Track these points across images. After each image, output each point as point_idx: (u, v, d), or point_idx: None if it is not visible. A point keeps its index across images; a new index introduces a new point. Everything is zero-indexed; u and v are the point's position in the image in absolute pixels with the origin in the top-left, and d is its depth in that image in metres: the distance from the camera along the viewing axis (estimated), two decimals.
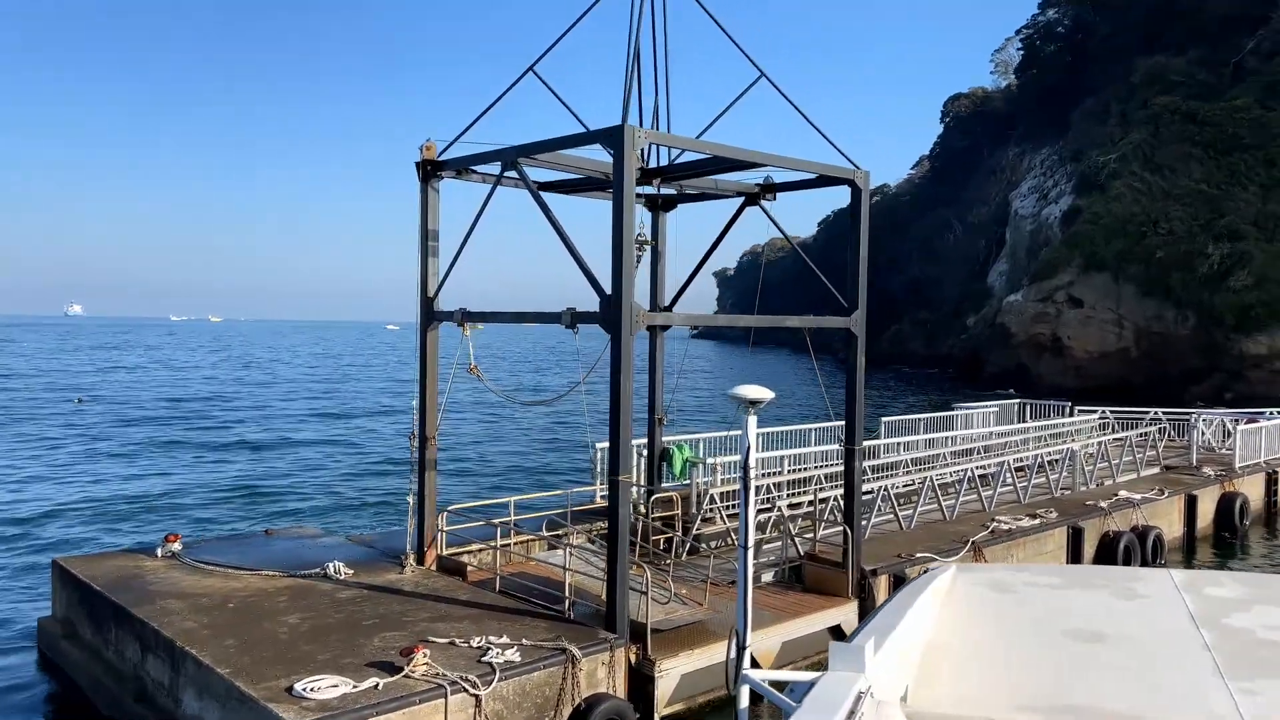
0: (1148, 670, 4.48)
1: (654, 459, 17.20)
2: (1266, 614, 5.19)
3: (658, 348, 17.11)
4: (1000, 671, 4.58)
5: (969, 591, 5.71)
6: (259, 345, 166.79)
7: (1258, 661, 4.47)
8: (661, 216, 17.15)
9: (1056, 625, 5.15)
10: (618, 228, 11.02)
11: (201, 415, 50.38)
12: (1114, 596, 5.66)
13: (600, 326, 11.43)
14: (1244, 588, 5.88)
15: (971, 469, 19.19)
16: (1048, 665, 4.60)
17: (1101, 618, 5.24)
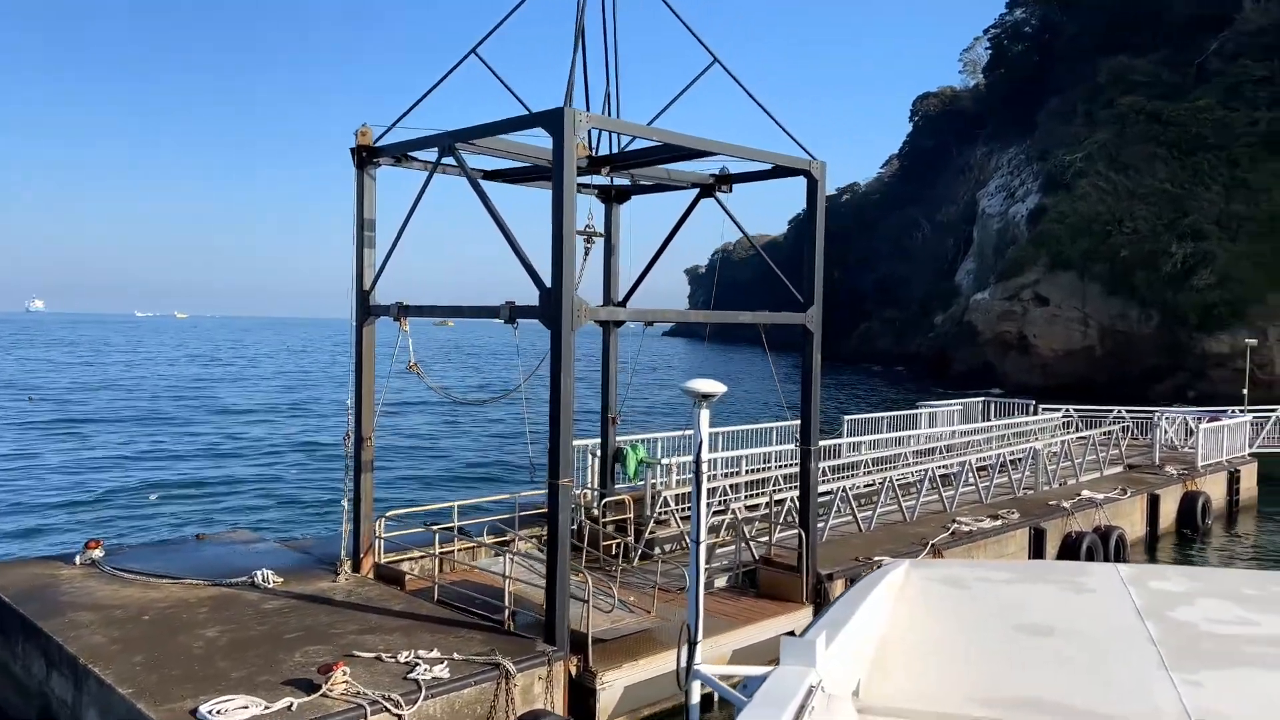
0: (1096, 663, 4.53)
1: (607, 460, 16.61)
2: (1209, 607, 5.27)
3: (611, 345, 16.52)
4: (952, 665, 4.59)
5: (922, 587, 5.73)
6: (222, 342, 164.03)
7: (1200, 653, 4.54)
8: (615, 208, 16.56)
9: (1007, 619, 5.18)
10: (558, 217, 10.42)
11: (153, 413, 49.07)
12: (1063, 591, 5.72)
13: (540, 322, 10.82)
14: (1188, 581, 5.96)
15: (932, 469, 18.79)
16: (999, 659, 4.63)
17: (1051, 612, 5.30)
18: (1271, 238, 61.48)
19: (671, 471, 17.15)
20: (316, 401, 58.44)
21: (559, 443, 10.55)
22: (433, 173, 12.42)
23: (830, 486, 17.28)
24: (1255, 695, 4.09)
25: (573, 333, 10.57)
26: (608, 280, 16.55)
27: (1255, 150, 64.29)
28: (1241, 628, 4.94)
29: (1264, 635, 4.82)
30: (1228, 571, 8.29)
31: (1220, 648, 4.67)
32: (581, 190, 16.00)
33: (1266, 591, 5.68)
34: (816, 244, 13.68)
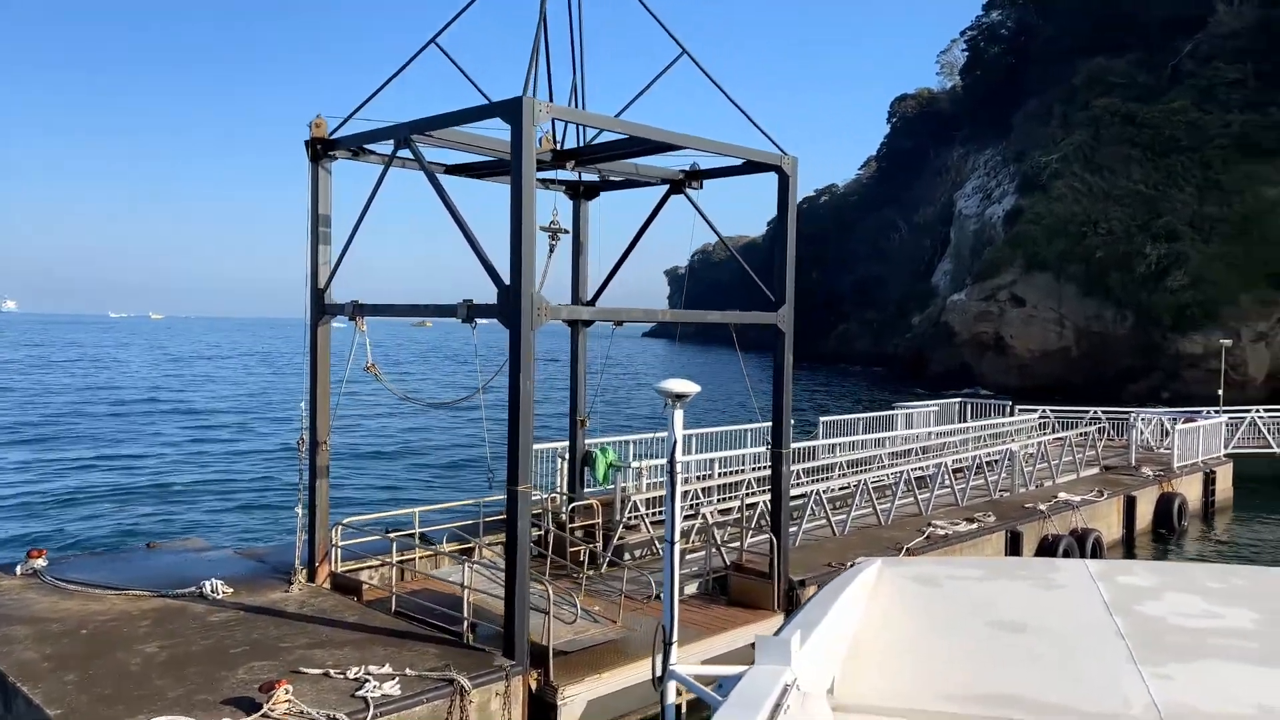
0: (1066, 658, 4.59)
1: (575, 463, 16.16)
2: (1176, 601, 5.37)
3: (580, 345, 16.07)
4: (925, 663, 4.64)
5: (894, 585, 5.79)
6: (196, 342, 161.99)
7: (1168, 646, 4.64)
8: (583, 205, 16.11)
9: (979, 616, 5.26)
10: (517, 210, 9.97)
11: (114, 415, 48.05)
12: (1034, 587, 5.81)
13: (499, 321, 10.36)
14: (1155, 576, 6.06)
15: (907, 471, 18.48)
16: (971, 655, 4.70)
17: (1022, 608, 5.39)
18: (1244, 239, 61.97)
19: (642, 475, 16.73)
20: (286, 404, 57.55)
21: (518, 447, 10.09)
22: (388, 166, 11.93)
23: (804, 490, 16.93)
24: (1220, 686, 4.18)
25: (533, 332, 10.12)
26: (576, 279, 16.10)
27: (1228, 152, 64.81)
28: (1206, 620, 5.04)
29: (1228, 627, 4.92)
30: (1192, 565, 8.80)
31: (1186, 640, 4.74)
32: (548, 186, 15.59)
33: (1229, 584, 5.77)
34: (788, 242, 13.30)
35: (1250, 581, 5.90)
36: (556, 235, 13.35)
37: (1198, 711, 3.97)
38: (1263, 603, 5.35)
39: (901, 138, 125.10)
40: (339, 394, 12.90)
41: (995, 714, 4.01)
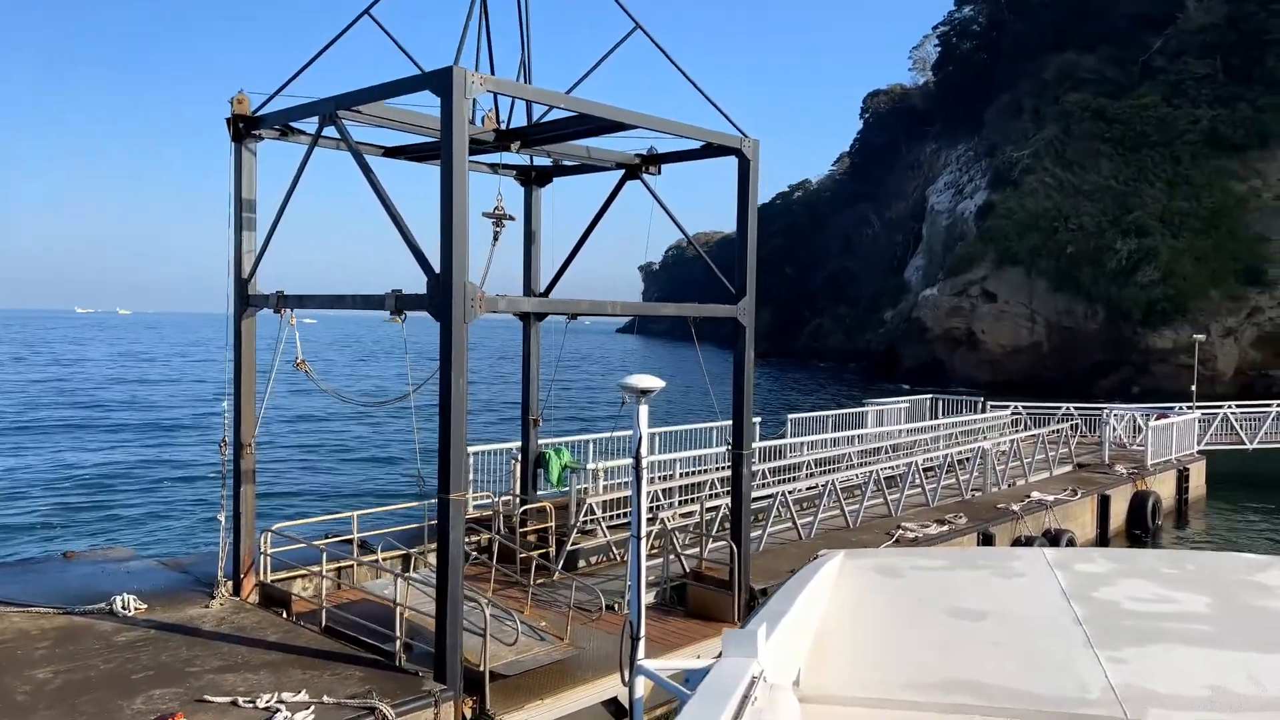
0: (1025, 644, 4.67)
1: (528, 465, 15.29)
2: (1130, 586, 5.48)
3: (532, 340, 15.20)
4: (888, 652, 4.69)
5: (857, 576, 5.83)
6: (162, 340, 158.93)
7: (1123, 631, 4.75)
8: (535, 192, 15.24)
9: (940, 605, 5.30)
10: (447, 192, 9.08)
11: (55, 415, 46.41)
12: (993, 576, 5.90)
13: (429, 313, 9.47)
14: (1110, 563, 6.16)
15: (877, 471, 17.77)
16: (933, 644, 4.74)
17: (982, 596, 5.47)
18: (1213, 234, 62.15)
19: (598, 477, 15.88)
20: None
21: (449, 452, 9.21)
22: (313, 145, 10.98)
23: (770, 491, 16.17)
24: (1175, 668, 4.29)
25: (465, 325, 9.24)
26: (528, 270, 15.23)
27: (1197, 148, 64.95)
28: (1160, 605, 5.16)
29: (1181, 612, 5.04)
30: (1146, 552, 9.00)
31: (1141, 625, 4.85)
32: (496, 170, 14.70)
33: (1182, 570, 5.93)
34: (749, 230, 12.50)
35: (1201, 566, 6.05)
36: (501, 222, 12.46)
37: (1153, 694, 4.04)
38: (1214, 587, 5.46)
39: (874, 133, 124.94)
40: (292, 390, 11.94)
41: (957, 700, 4.05)
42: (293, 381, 11.38)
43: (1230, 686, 4.09)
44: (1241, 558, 6.41)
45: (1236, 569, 5.92)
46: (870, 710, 4.06)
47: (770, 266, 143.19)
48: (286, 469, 30.93)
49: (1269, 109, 63.18)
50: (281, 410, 42.71)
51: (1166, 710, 3.90)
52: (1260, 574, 5.73)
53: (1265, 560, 6.10)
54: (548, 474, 15.33)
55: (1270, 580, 5.59)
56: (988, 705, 4.01)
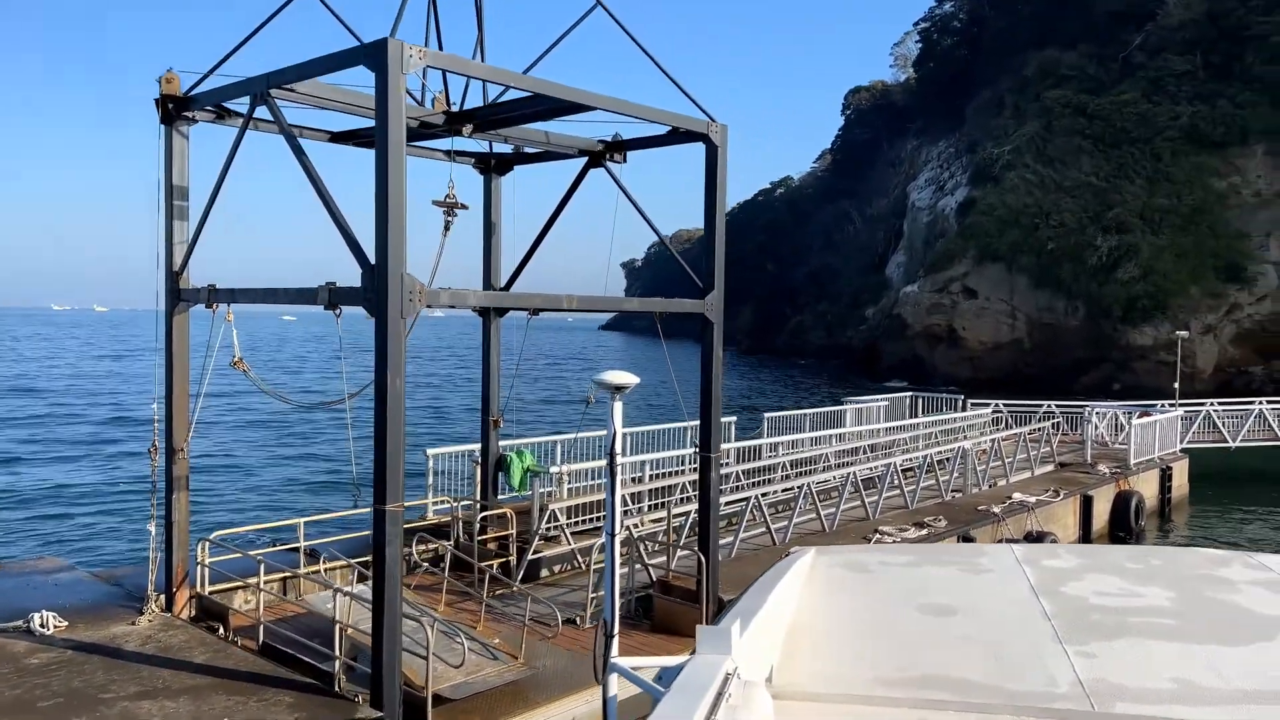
0: (994, 639, 4.72)
1: (488, 468, 14.54)
2: (1097, 581, 5.55)
3: (493, 336, 14.44)
4: (859, 648, 4.72)
5: (828, 573, 5.87)
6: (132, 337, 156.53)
7: (1090, 625, 4.80)
8: (495, 180, 14.48)
9: (910, 601, 5.34)
10: (382, 174, 8.32)
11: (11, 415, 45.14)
12: (962, 572, 5.96)
13: (363, 307, 8.71)
14: (1077, 559, 6.25)
15: (854, 473, 17.13)
16: (904, 639, 4.79)
17: (951, 592, 5.51)
18: (1193, 230, 62.08)
19: (562, 481, 15.13)
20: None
21: (385, 460, 8.46)
22: (245, 126, 10.18)
23: (744, 495, 15.51)
24: (1141, 661, 4.36)
25: (402, 321, 8.48)
26: (488, 263, 14.49)
27: (1177, 144, 64.86)
28: (1126, 599, 5.23)
29: (1146, 606, 5.11)
30: (1112, 548, 9.17)
31: (1108, 619, 4.91)
32: (453, 158, 13.90)
33: (1147, 565, 5.99)
34: (716, 221, 11.80)
35: (1166, 561, 6.13)
36: (454, 211, 11.70)
37: (1120, 687, 4.09)
38: (1177, 582, 5.55)
39: (856, 130, 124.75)
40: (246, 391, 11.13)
41: (928, 695, 4.08)
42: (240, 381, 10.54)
43: (1194, 679, 4.15)
44: (1204, 553, 6.48)
45: (1200, 564, 6.03)
46: (843, 706, 4.07)
47: (752, 264, 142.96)
48: (233, 474, 29.79)
49: (1249, 105, 63.17)
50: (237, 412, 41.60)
51: (1133, 703, 3.94)
52: (1222, 569, 5.84)
53: (1227, 555, 6.23)
54: (509, 478, 14.59)
55: (1232, 575, 5.69)
56: (958, 700, 4.03)
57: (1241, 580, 5.59)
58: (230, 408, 41.89)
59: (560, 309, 10.96)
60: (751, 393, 64.06)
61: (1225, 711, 3.89)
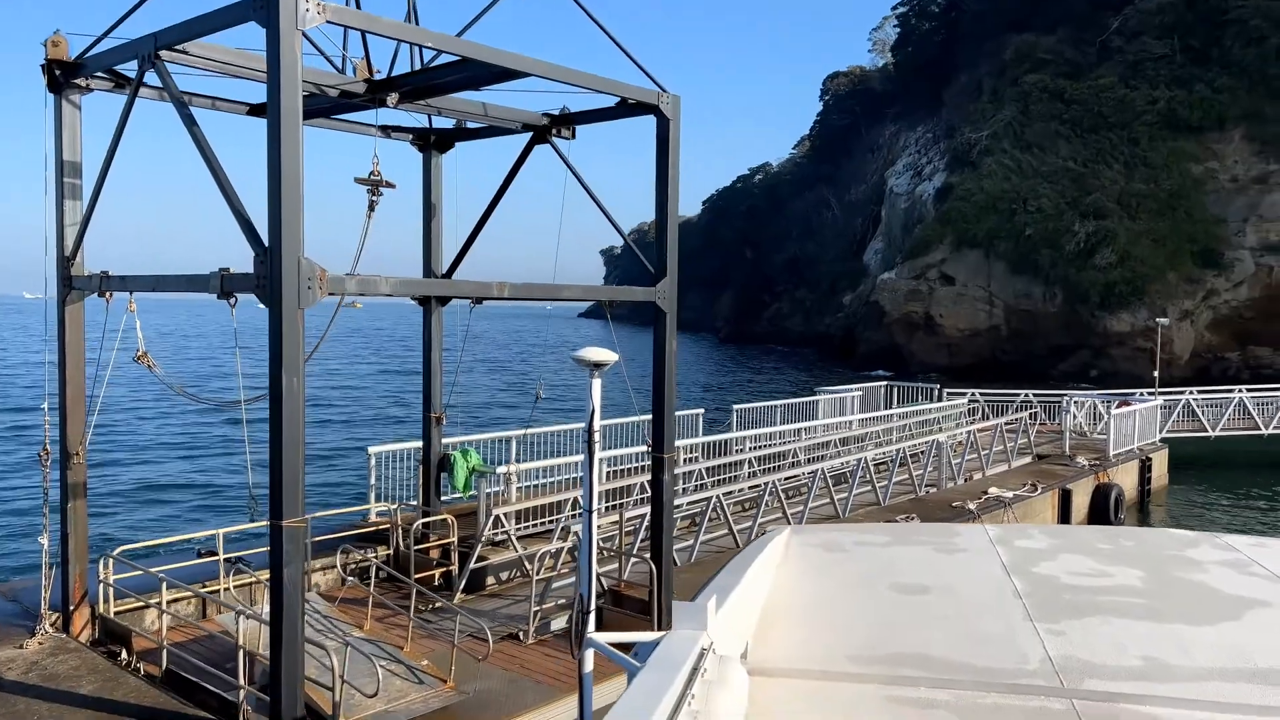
0: (967, 617, 4.76)
1: (430, 469, 13.55)
2: (1069, 561, 5.63)
3: (434, 327, 13.42)
4: (833, 625, 4.76)
5: (803, 552, 5.92)
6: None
7: (1062, 604, 4.87)
8: (435, 159, 13.43)
9: (884, 580, 5.39)
10: (274, 145, 7.30)
11: None
12: (936, 551, 5.99)
13: (255, 295, 7.69)
14: (1049, 539, 6.32)
15: (823, 469, 16.27)
16: (877, 618, 4.83)
17: (925, 572, 5.55)
18: (1170, 216, 61.74)
19: (510, 482, 14.15)
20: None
21: (282, 469, 7.46)
22: (134, 93, 9.09)
23: (705, 495, 14.61)
24: (1111, 640, 4.41)
25: (300, 311, 7.47)
26: (428, 248, 13.44)
27: (1154, 129, 64.44)
28: (1096, 579, 5.28)
29: (1116, 585, 5.18)
30: (1083, 528, 9.09)
31: (1079, 599, 4.96)
32: (388, 134, 12.92)
33: (1117, 545, 6.07)
34: (669, 201, 10.82)
35: (1136, 542, 6.22)
36: (378, 190, 10.63)
37: (1090, 664, 4.15)
38: (1147, 562, 5.64)
39: (834, 116, 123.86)
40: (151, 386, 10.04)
41: (901, 673, 4.11)
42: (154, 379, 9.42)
43: (1162, 657, 4.20)
44: (1173, 533, 6.58)
45: (1169, 544, 6.12)
46: (816, 682, 4.09)
47: (731, 250, 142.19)
48: (150, 481, 28.16)
49: (1226, 90, 62.80)
50: (157, 412, 39.69)
51: (1102, 680, 3.97)
52: (1190, 550, 5.91)
53: (1196, 536, 6.29)
54: (452, 479, 13.62)
55: (1200, 555, 5.76)
56: (930, 677, 4.05)
57: (1209, 560, 5.64)
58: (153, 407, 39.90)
59: (491, 297, 9.99)
60: (725, 382, 63.29)
61: (1193, 688, 3.91)
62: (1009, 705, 3.83)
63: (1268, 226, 60.08)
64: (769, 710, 3.84)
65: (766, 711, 3.82)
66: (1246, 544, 5.99)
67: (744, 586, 4.56)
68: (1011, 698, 3.87)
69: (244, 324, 8.94)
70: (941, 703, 3.86)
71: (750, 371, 71.63)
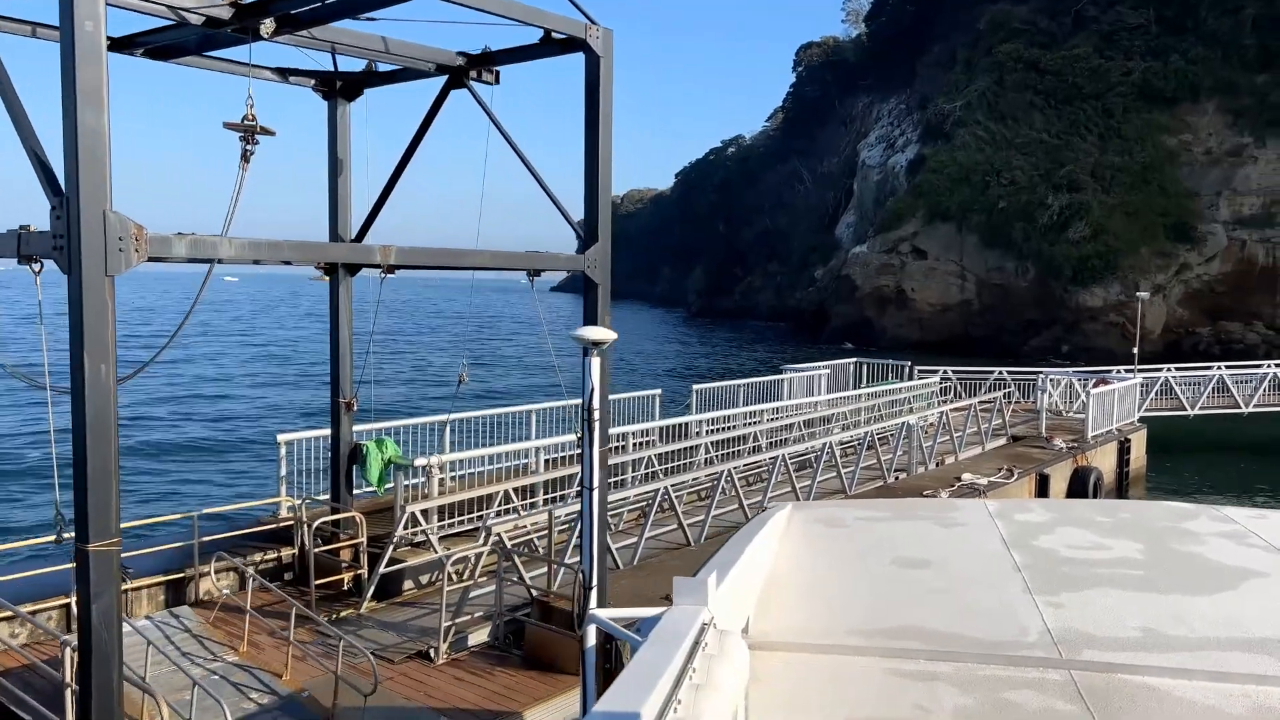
0: (967, 591, 4.80)
1: (339, 461, 12.01)
2: (1067, 535, 5.64)
3: (342, 299, 11.84)
4: (834, 600, 4.79)
5: (804, 528, 5.92)
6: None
7: (1060, 577, 4.90)
8: (343, 107, 11.78)
9: (885, 554, 5.44)
10: (68, 73, 5.69)
11: None
12: (936, 526, 6.03)
13: (54, 260, 6.11)
14: (1048, 513, 6.33)
15: (784, 455, 14.90)
16: (878, 592, 4.87)
17: (925, 546, 5.58)
18: (1143, 189, 60.93)
19: (433, 474, 12.61)
20: None
21: (88, 480, 5.92)
22: None
23: (653, 486, 13.20)
24: (1109, 611, 4.42)
25: (108, 280, 5.90)
26: (335, 208, 11.83)
27: (1129, 100, 63.47)
28: (1095, 552, 5.32)
29: (1114, 558, 5.22)
30: (1081, 502, 8.85)
31: (1077, 571, 5.00)
32: (287, 78, 11.26)
33: (1115, 519, 6.12)
34: (600, 151, 9.30)
35: (1134, 515, 6.28)
36: (253, 137, 9.00)
37: (1089, 635, 4.17)
38: (1145, 534, 5.66)
39: (807, 87, 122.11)
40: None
41: (901, 645, 4.14)
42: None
43: (1161, 628, 4.23)
44: (1171, 506, 6.47)
45: (1166, 517, 6.09)
46: (817, 656, 4.15)
47: (703, 224, 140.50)
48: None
49: (1200, 61, 61.89)
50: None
51: (1100, 651, 4.01)
52: (1188, 522, 5.88)
53: (1193, 509, 6.26)
54: (365, 472, 12.10)
55: (1198, 527, 5.74)
56: (930, 649, 4.09)
57: (1207, 533, 5.63)
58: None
59: (375, 263, 8.43)
60: (693, 358, 61.95)
61: (1191, 658, 3.92)
62: (1008, 676, 3.82)
63: (1240, 200, 59.44)
64: (770, 683, 3.84)
65: (767, 684, 3.83)
66: (1245, 516, 5.95)
67: (745, 561, 4.51)
68: (1011, 669, 3.87)
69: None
70: (941, 675, 3.85)
71: (717, 347, 70.36)
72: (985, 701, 3.68)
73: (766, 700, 3.78)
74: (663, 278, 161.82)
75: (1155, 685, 3.72)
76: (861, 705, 3.75)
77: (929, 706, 3.66)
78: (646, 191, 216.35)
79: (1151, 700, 3.67)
